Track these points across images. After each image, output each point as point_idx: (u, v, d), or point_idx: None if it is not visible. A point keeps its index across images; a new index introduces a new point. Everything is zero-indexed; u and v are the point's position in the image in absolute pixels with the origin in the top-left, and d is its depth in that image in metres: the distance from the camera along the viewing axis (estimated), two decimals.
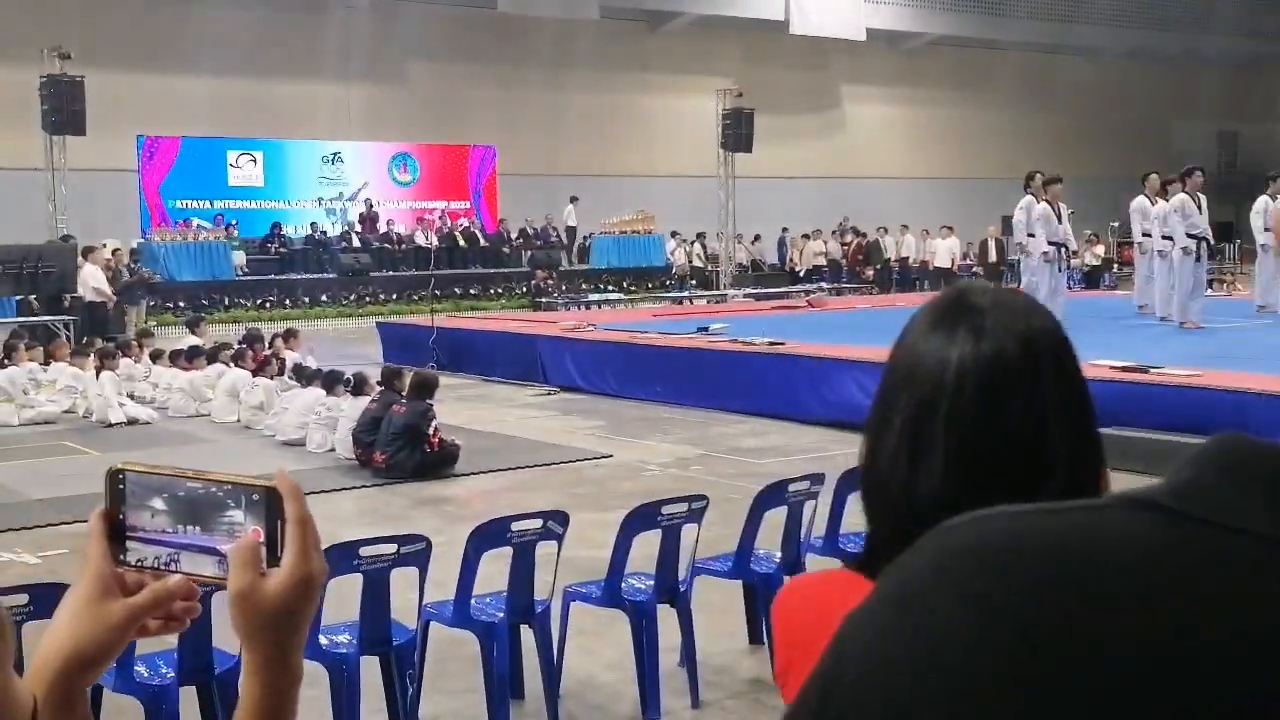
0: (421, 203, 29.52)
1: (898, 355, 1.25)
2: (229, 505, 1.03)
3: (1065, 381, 1.21)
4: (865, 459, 1.27)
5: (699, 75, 31.38)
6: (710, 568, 5.42)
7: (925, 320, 1.25)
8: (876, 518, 1.25)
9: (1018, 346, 1.20)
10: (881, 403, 1.25)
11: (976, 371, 1.19)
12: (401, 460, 9.48)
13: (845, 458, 10.03)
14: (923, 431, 1.19)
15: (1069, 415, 1.20)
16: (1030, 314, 1.24)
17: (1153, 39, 38.39)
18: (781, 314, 18.53)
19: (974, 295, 1.26)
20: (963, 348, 1.20)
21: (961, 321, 1.22)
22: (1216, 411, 8.76)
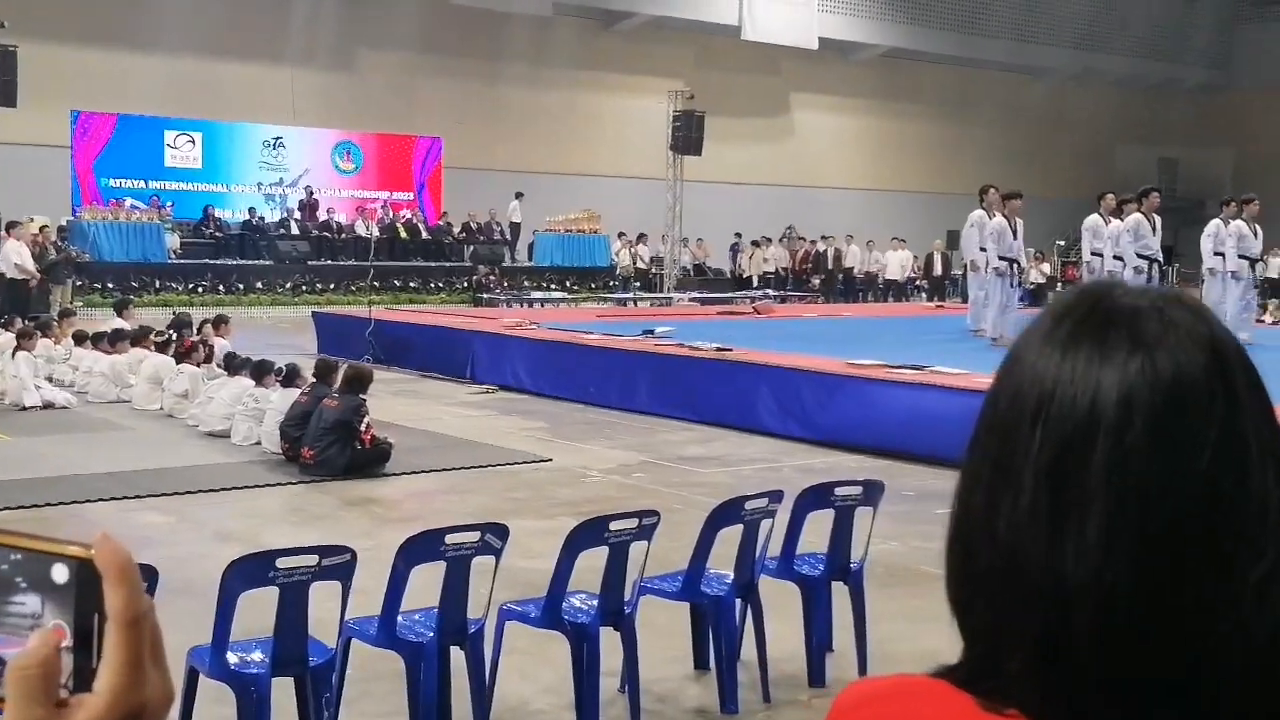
0: (364, 192, 28.93)
1: (1015, 381, 0.89)
2: (17, 585, 0.64)
3: (1266, 411, 0.87)
4: (963, 526, 0.91)
5: (650, 76, 31.08)
6: (657, 588, 5.06)
7: (1054, 331, 0.89)
8: (990, 610, 0.88)
9: (1205, 360, 0.86)
10: (991, 448, 0.89)
11: (1150, 398, 0.84)
12: (331, 457, 9.04)
13: (793, 469, 9.76)
14: (1069, 487, 0.84)
15: (1276, 459, 0.85)
16: (1207, 315, 0.89)
17: (1100, 62, 38.67)
18: (728, 319, 18.24)
19: (1123, 294, 0.90)
20: (1125, 366, 0.85)
21: (1114, 330, 0.87)
22: None
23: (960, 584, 0.91)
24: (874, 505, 5.40)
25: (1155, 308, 0.88)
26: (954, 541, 0.92)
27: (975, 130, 36.89)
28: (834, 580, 5.33)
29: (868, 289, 30.75)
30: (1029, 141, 37.52)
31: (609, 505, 8.36)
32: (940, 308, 23.37)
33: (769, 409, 11.13)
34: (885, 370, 10.70)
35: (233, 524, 7.81)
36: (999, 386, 0.91)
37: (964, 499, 0.91)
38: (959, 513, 0.91)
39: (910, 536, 7.47)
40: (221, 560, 6.82)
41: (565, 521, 7.87)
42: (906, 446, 9.92)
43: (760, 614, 5.19)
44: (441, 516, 8.11)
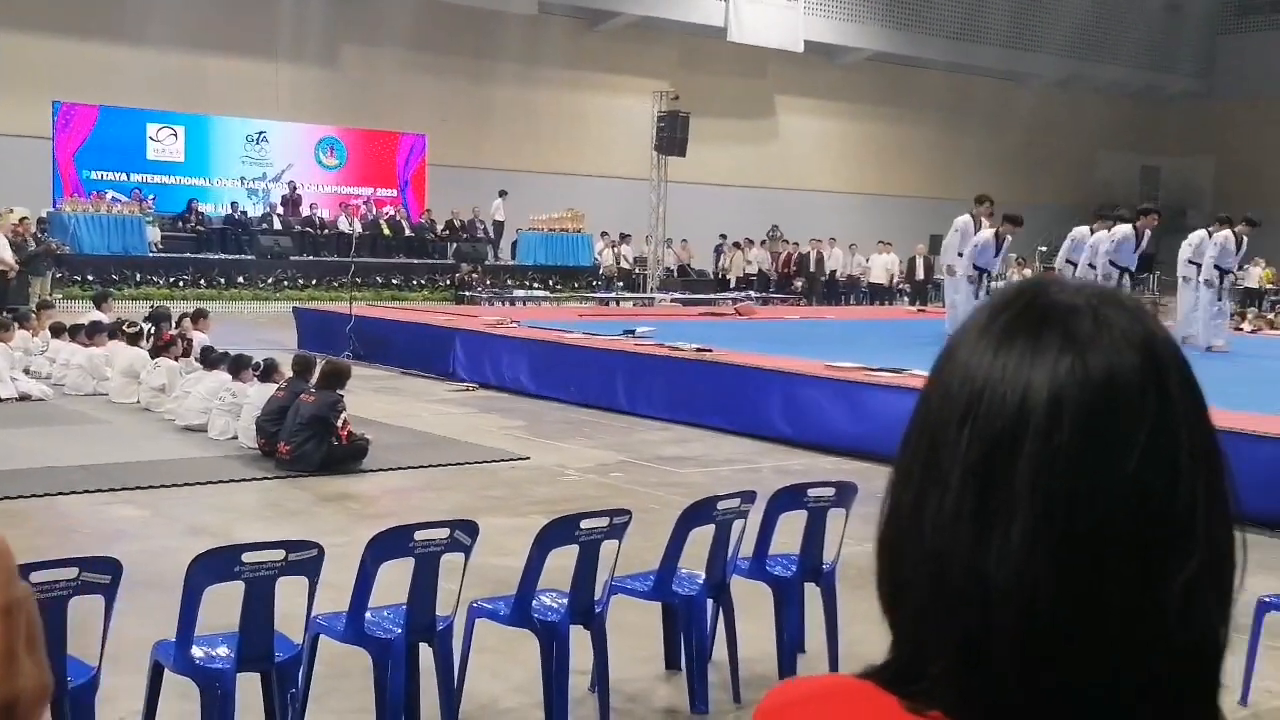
0: (347, 188, 28.83)
1: (947, 377, 0.88)
2: None
3: (1199, 412, 0.86)
4: (892, 525, 0.90)
5: (635, 76, 31.07)
6: (629, 587, 5.04)
7: (989, 328, 0.87)
8: (914, 611, 0.87)
9: (1138, 361, 0.84)
10: (921, 445, 0.88)
11: (1080, 399, 0.82)
12: (307, 452, 9.00)
13: (770, 470, 9.75)
14: (996, 487, 0.83)
15: (1207, 461, 0.84)
16: (1143, 315, 0.88)
17: (1085, 70, 38.81)
18: (709, 320, 18.23)
19: (1059, 291, 0.88)
20: (1056, 365, 0.83)
21: (1048, 327, 0.85)
22: None
23: (888, 583, 0.90)
24: (847, 507, 5.40)
25: (1090, 306, 0.86)
26: (883, 541, 0.91)
27: (960, 135, 36.98)
28: (806, 581, 5.32)
29: (850, 292, 30.79)
30: (1014, 147, 37.64)
31: (585, 504, 8.34)
32: (922, 311, 23.41)
33: (748, 410, 11.12)
34: (864, 373, 10.71)
35: (207, 518, 7.77)
36: (933, 383, 0.90)
37: (894, 497, 0.90)
38: (889, 511, 0.90)
39: None
40: (192, 554, 6.80)
41: (539, 520, 7.80)
42: (884, 449, 9.87)
43: (732, 614, 5.18)
44: (417, 513, 8.07)
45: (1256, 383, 12.09)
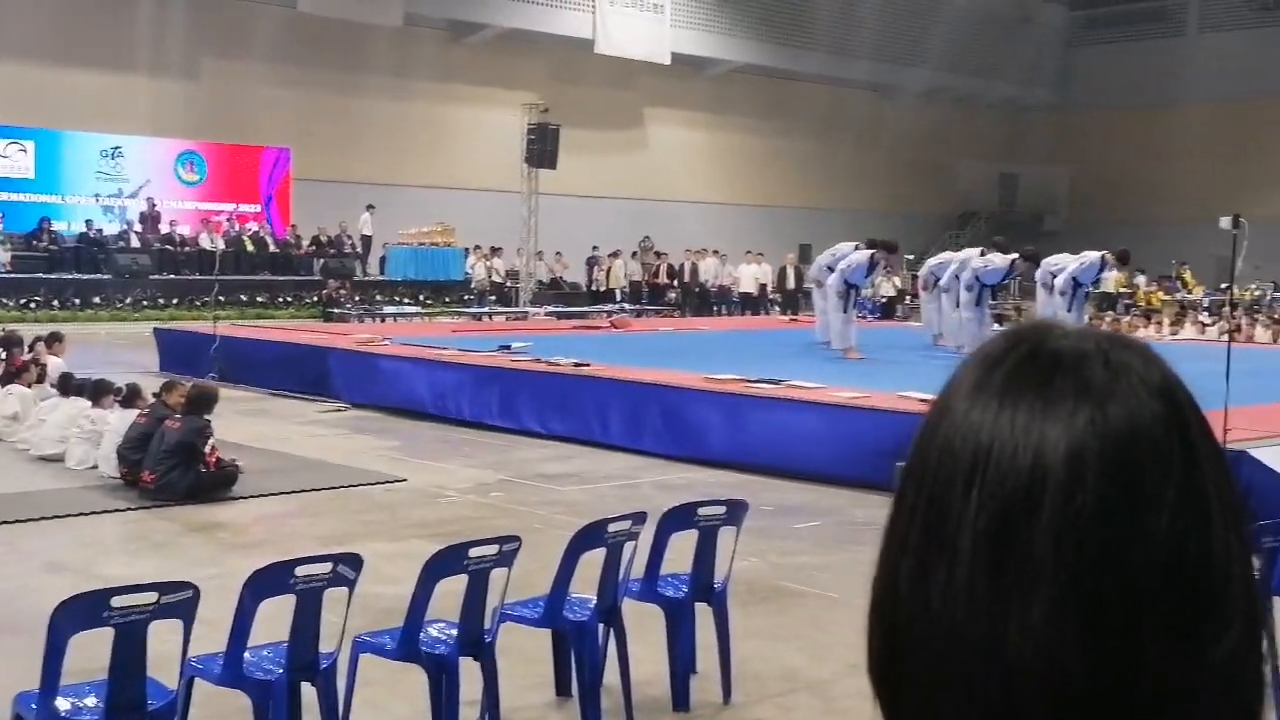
0: (208, 204, 28.06)
1: (945, 434, 0.78)
2: None
3: (1221, 461, 0.78)
4: (889, 598, 0.80)
5: (504, 89, 30.87)
6: (518, 614, 4.91)
7: (988, 379, 0.78)
8: (922, 693, 0.78)
9: (1160, 409, 0.76)
10: (920, 509, 0.78)
11: (1102, 453, 0.74)
12: (173, 480, 8.65)
13: (652, 486, 9.69)
14: (1013, 554, 0.74)
15: (1235, 516, 0.76)
16: (1156, 358, 0.80)
17: (944, 81, 39.76)
18: (584, 334, 18.13)
19: (1062, 336, 0.80)
20: (1072, 418, 0.75)
21: (1059, 376, 0.76)
22: None
23: (885, 663, 0.80)
24: (737, 524, 5.34)
25: (1101, 350, 0.78)
26: (875, 614, 0.81)
27: (826, 145, 37.53)
28: (697, 601, 5.25)
29: (722, 302, 30.99)
30: (876, 157, 38.34)
31: (466, 526, 8.18)
32: (794, 320, 23.64)
33: (627, 425, 11.05)
34: (743, 385, 10.72)
35: (66, 554, 7.41)
36: (926, 440, 0.80)
37: (887, 567, 0.80)
38: (881, 581, 0.80)
39: (770, 553, 7.47)
40: (52, 593, 6.44)
41: (420, 544, 7.67)
42: (765, 461, 9.94)
43: (623, 638, 5.08)
44: (291, 541, 7.82)
45: None
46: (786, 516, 8.53)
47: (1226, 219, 8.36)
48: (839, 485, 9.40)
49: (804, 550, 7.73)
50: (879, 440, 9.38)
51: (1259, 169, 37.47)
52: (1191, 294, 29.45)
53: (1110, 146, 40.68)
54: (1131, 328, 20.59)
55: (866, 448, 9.43)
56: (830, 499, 9.12)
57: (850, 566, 7.34)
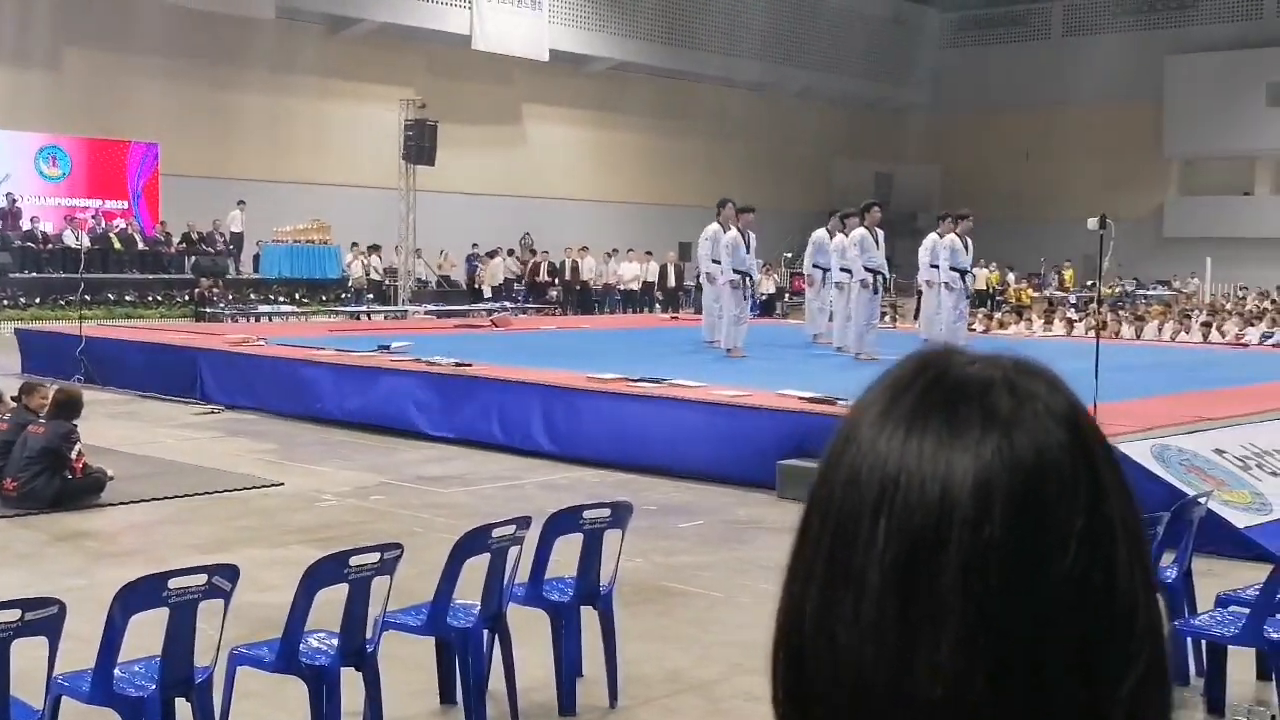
0: (73, 200, 27.14)
1: (851, 463, 0.76)
2: None
3: (1126, 489, 0.77)
4: (792, 630, 0.78)
5: (381, 84, 30.44)
6: (401, 622, 4.82)
7: (893, 406, 0.77)
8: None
9: (1067, 438, 0.75)
10: (824, 540, 0.77)
11: (1010, 485, 0.73)
12: (37, 488, 8.35)
13: (535, 487, 9.63)
14: (920, 589, 0.72)
15: (1139, 545, 0.76)
16: (1061, 385, 0.79)
17: (819, 81, 40.32)
18: (465, 333, 17.96)
19: (967, 363, 0.79)
20: (979, 447, 0.73)
21: (964, 404, 0.75)
22: None
23: (789, 697, 0.78)
24: (623, 527, 5.33)
25: (1006, 379, 0.77)
26: (780, 646, 0.79)
27: (702, 143, 37.75)
28: (583, 605, 5.22)
29: (604, 300, 31.01)
30: (756, 155, 38.69)
31: (346, 531, 8.04)
32: (675, 319, 23.75)
33: (509, 425, 10.97)
34: (625, 384, 10.71)
35: None
36: (831, 468, 0.78)
37: (792, 597, 0.78)
38: (786, 611, 0.78)
39: (654, 553, 7.47)
40: None
41: (299, 550, 7.51)
42: (648, 460, 9.95)
43: (509, 643, 5.03)
44: (163, 549, 7.60)
45: None
46: (670, 516, 8.55)
47: (1094, 220, 8.59)
48: (722, 484, 9.45)
49: (687, 550, 7.74)
50: (761, 439, 9.47)
51: (1125, 170, 38.76)
52: (1068, 292, 30.37)
53: (981, 147, 41.68)
54: (1003, 324, 21.13)
55: (749, 446, 9.50)
56: (714, 498, 9.16)
57: (733, 565, 7.39)
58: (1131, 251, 26.72)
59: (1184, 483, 7.73)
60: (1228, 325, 20.67)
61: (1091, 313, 21.76)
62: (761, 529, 8.28)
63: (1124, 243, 17.97)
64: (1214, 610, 5.30)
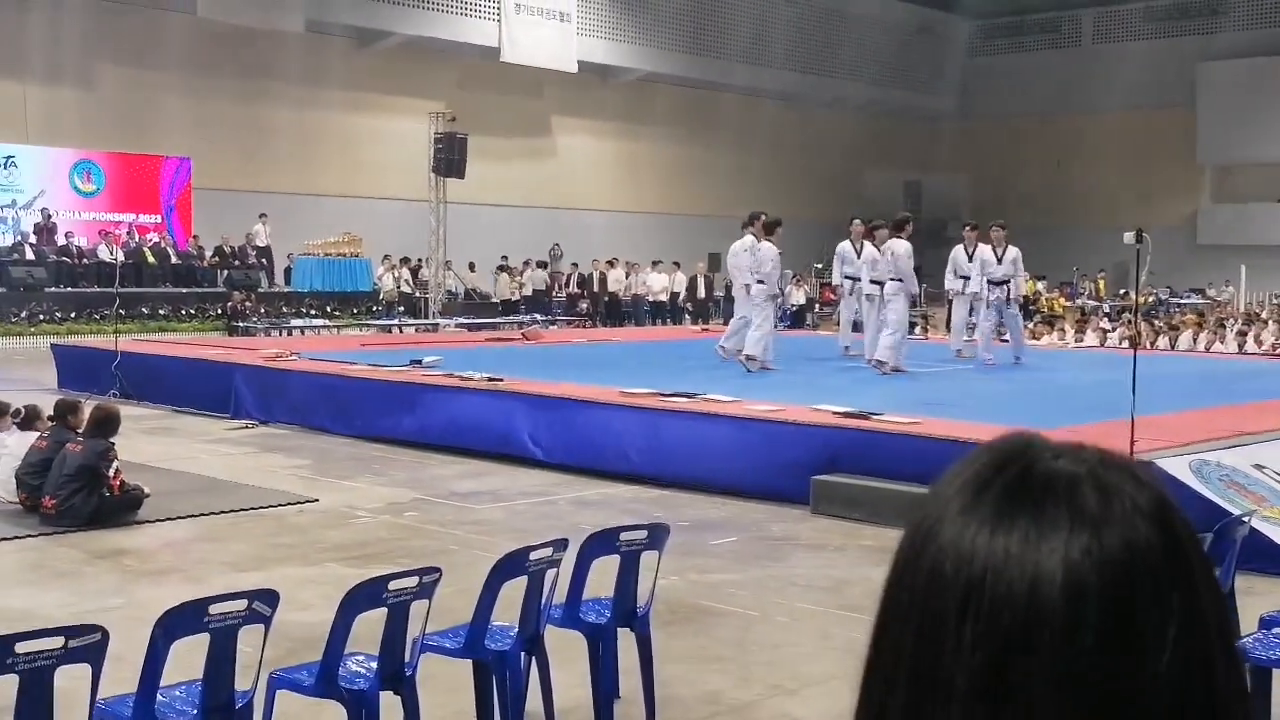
0: (107, 215, 27.39)
1: (934, 560, 0.75)
2: None
3: (1216, 585, 0.76)
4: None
5: (411, 97, 30.60)
6: (439, 645, 4.82)
7: (977, 502, 0.75)
8: None
9: (1156, 535, 0.74)
10: (907, 641, 0.75)
11: (1101, 586, 0.71)
12: (75, 506, 8.40)
13: (568, 503, 9.63)
14: (1011, 695, 0.71)
15: (1230, 644, 0.75)
16: (1145, 476, 0.78)
17: (848, 90, 40.24)
18: (496, 346, 18.00)
19: (1052, 457, 0.77)
20: (1068, 547, 0.72)
21: (1051, 502, 0.74)
22: (936, 460, 8.81)
23: None
24: (659, 548, 5.31)
25: (1092, 474, 0.76)
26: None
27: (731, 154, 37.74)
28: (620, 627, 5.21)
29: (633, 312, 31.01)
30: (784, 165, 38.64)
31: (381, 549, 8.05)
32: (705, 330, 23.71)
33: (542, 440, 10.96)
34: (658, 399, 10.69)
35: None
36: (910, 565, 0.77)
37: (874, 701, 0.77)
38: (868, 715, 0.77)
39: (689, 570, 7.44)
40: None
41: (334, 569, 7.53)
42: (681, 475, 9.93)
43: (546, 666, 5.02)
44: (200, 567, 7.64)
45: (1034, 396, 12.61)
46: (704, 532, 8.52)
47: (1130, 234, 8.51)
48: (755, 499, 9.42)
49: (722, 567, 7.72)
50: (795, 454, 9.44)
51: (1157, 178, 38.51)
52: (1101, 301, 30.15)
53: (1011, 155, 41.50)
54: (1036, 335, 20.98)
55: (782, 461, 9.47)
56: (747, 514, 9.13)
57: (769, 583, 7.36)
58: (1165, 259, 26.48)
59: (1224, 499, 7.66)
60: (1264, 334, 20.47)
61: (1125, 323, 21.62)
62: (797, 546, 8.25)
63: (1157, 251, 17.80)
64: (1258, 632, 5.23)
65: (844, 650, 6.09)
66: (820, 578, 7.45)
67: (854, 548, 8.14)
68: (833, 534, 8.50)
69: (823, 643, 6.27)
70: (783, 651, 6.14)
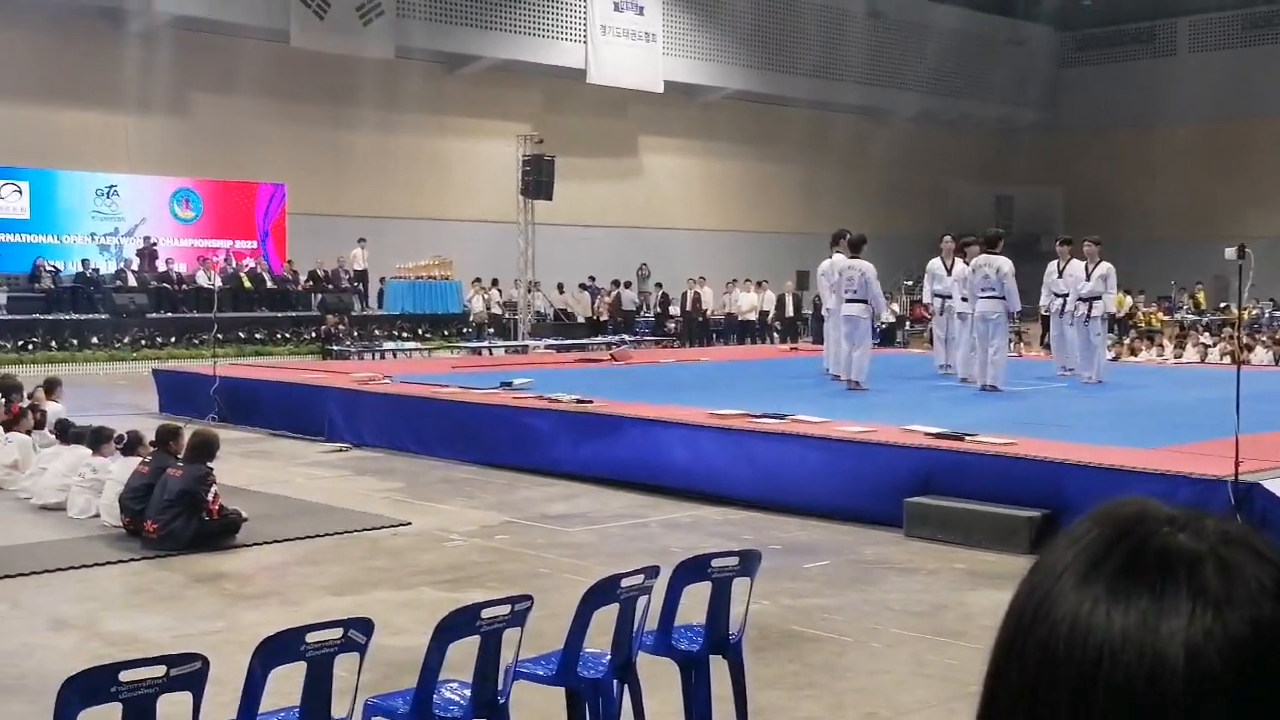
0: (205, 241, 28.04)
1: (1046, 635, 0.72)
2: None
3: None
4: None
5: (498, 120, 30.94)
6: (531, 672, 4.83)
7: (1092, 576, 0.73)
8: None
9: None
10: (1019, 717, 0.73)
11: (1224, 669, 0.68)
12: (176, 530, 8.57)
13: (659, 525, 9.62)
14: None
15: None
16: (1266, 554, 0.74)
17: (935, 104, 39.87)
18: (585, 367, 18.06)
19: (1169, 531, 0.74)
20: (1190, 626, 0.69)
21: (1170, 579, 0.71)
22: (1032, 482, 8.68)
23: None
24: (751, 575, 5.27)
25: (1213, 551, 0.73)
26: None
27: (818, 170, 37.58)
28: (712, 654, 5.17)
29: (722, 331, 30.96)
30: (871, 181, 38.38)
31: (473, 572, 8.11)
32: (794, 349, 23.60)
33: (631, 461, 10.97)
34: (748, 420, 10.64)
35: (70, 609, 7.31)
36: (1020, 639, 0.74)
37: None
38: None
39: (781, 595, 7.38)
40: (57, 652, 6.39)
41: (427, 592, 7.60)
42: (771, 497, 9.87)
43: (638, 693, 5.01)
44: (296, 591, 7.75)
45: (1132, 414, 12.34)
46: (795, 555, 8.45)
47: (1231, 250, 8.31)
48: (846, 521, 9.33)
49: (815, 591, 7.64)
50: (886, 476, 9.33)
51: (1258, 187, 37.56)
52: (1200, 315, 29.43)
53: (1103, 166, 40.78)
54: (1134, 350, 20.56)
55: (874, 483, 9.37)
56: (838, 537, 9.04)
57: (862, 608, 7.27)
58: (1268, 271, 25.76)
59: None
60: None
61: (1227, 338, 21.08)
62: (890, 569, 8.14)
63: (1259, 262, 17.33)
64: None
65: (939, 677, 6.00)
66: (914, 602, 7.35)
67: (948, 571, 8.02)
68: (926, 557, 8.38)
69: (917, 669, 6.17)
70: (877, 678, 6.06)
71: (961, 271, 15.23)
